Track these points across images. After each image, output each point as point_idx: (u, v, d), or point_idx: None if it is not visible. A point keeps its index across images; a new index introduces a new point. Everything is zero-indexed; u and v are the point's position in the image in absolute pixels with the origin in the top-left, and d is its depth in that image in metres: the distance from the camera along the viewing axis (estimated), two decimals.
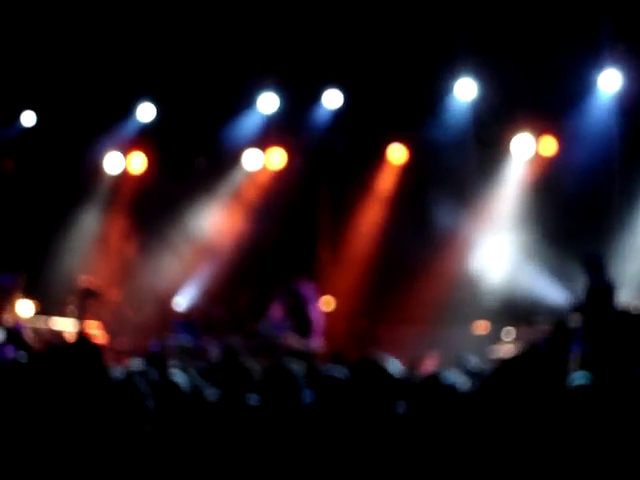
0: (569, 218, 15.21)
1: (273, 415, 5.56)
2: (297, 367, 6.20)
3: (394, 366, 5.33)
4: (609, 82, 15.25)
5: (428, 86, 15.72)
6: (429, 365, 13.02)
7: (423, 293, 15.77)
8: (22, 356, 6.10)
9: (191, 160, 17.86)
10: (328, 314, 16.52)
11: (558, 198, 15.53)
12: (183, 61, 16.25)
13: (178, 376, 6.64)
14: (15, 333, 13.40)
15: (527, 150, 16.40)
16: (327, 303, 16.89)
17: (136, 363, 7.53)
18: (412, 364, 10.33)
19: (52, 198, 17.10)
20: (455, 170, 15.88)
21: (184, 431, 5.70)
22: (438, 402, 5.23)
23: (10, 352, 12.62)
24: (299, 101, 16.60)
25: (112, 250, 17.69)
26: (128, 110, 17.23)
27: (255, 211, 17.66)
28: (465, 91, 15.85)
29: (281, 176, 17.41)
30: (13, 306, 15.08)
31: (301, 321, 14.10)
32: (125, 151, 17.88)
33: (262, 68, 16.26)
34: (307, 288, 14.48)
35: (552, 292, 15.53)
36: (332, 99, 16.67)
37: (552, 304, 15.17)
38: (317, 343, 14.25)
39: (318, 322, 14.30)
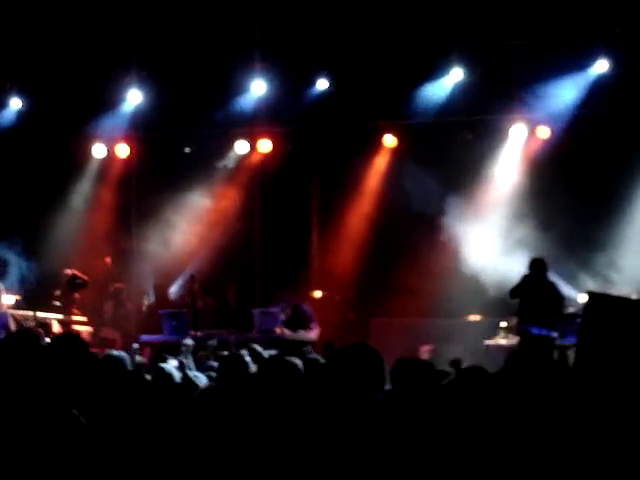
0: (566, 205, 15.03)
1: (274, 405, 5.41)
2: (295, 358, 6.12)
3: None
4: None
5: (415, 70, 15.59)
6: (424, 357, 12.89)
7: (417, 284, 15.57)
8: None
9: (180, 148, 17.67)
10: (320, 305, 16.44)
11: (554, 182, 15.35)
12: (173, 46, 16.05)
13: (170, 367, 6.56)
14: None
15: (521, 135, 16.30)
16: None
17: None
18: (407, 356, 10.10)
19: (37, 188, 16.87)
20: (447, 157, 15.70)
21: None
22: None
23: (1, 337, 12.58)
24: (288, 87, 16.38)
25: (101, 239, 17.47)
26: (117, 96, 17.02)
27: (244, 200, 17.47)
28: (454, 77, 15.78)
29: (270, 164, 17.21)
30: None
31: (296, 314, 14.14)
32: (111, 142, 17.67)
33: (251, 54, 16.07)
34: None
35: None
36: (320, 85, 16.49)
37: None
38: (312, 334, 14.21)
39: (312, 315, 14.34)
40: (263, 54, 16.25)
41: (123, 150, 17.74)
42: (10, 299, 15.24)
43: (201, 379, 7.74)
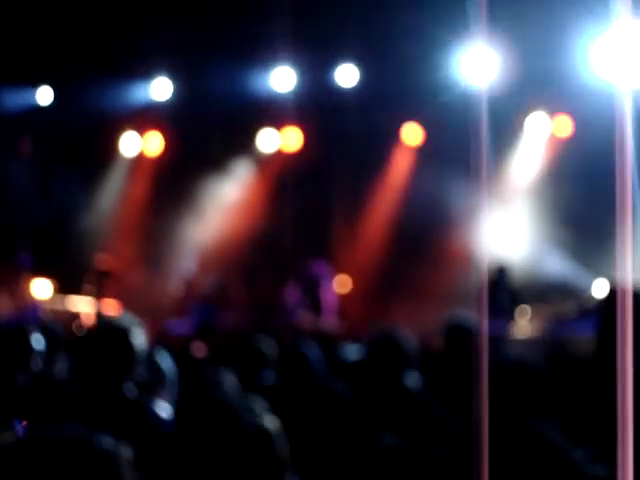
0: (585, 200, 15.14)
1: (289, 394, 5.57)
2: (312, 348, 6.26)
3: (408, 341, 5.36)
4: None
5: (442, 66, 15.65)
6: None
7: (438, 272, 15.76)
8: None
9: (208, 139, 17.87)
10: (343, 295, 16.59)
11: (574, 179, 15.47)
12: (196, 37, 16.23)
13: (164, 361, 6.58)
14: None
15: (542, 130, 16.37)
16: (343, 283, 16.96)
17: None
18: (426, 341, 10.36)
19: (70, 176, 17.11)
20: (469, 150, 15.80)
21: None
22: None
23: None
24: (315, 78, 16.56)
25: (132, 228, 17.71)
26: (143, 87, 17.26)
27: (271, 191, 17.67)
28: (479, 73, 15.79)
29: (296, 156, 17.40)
30: (29, 286, 15.14)
31: (315, 301, 14.16)
32: (142, 133, 17.91)
33: (277, 45, 16.19)
34: (322, 268, 14.54)
35: (567, 271, 15.52)
36: (347, 77, 16.64)
37: (567, 283, 15.17)
38: (331, 323, 14.30)
39: (332, 302, 14.33)
40: (290, 49, 16.38)
41: (152, 144, 18.01)
42: (44, 287, 15.47)
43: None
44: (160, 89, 17.25)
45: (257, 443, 3.48)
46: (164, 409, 5.02)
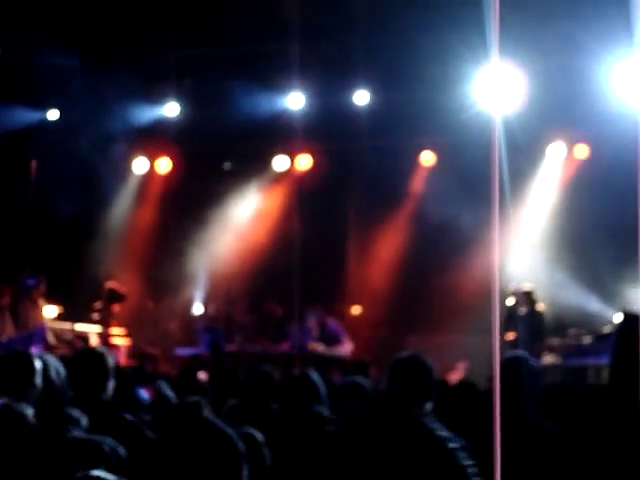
0: (601, 224, 14.91)
1: (292, 421, 5.41)
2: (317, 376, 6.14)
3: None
4: None
5: (456, 89, 15.49)
6: (457, 374, 12.83)
7: (452, 300, 15.54)
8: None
9: (218, 163, 17.75)
10: (356, 321, 16.41)
11: (591, 201, 15.25)
12: (208, 60, 16.11)
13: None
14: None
15: (559, 155, 16.27)
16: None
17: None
18: (441, 373, 10.12)
19: (77, 200, 16.95)
20: (484, 175, 15.59)
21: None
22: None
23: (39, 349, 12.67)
24: (326, 103, 16.41)
25: (139, 253, 17.57)
26: (153, 109, 17.14)
27: (282, 214, 17.51)
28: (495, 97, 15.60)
29: (309, 178, 17.24)
30: (37, 307, 15.02)
31: (323, 330, 14.14)
32: (152, 155, 17.82)
33: (290, 69, 16.10)
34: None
35: (584, 301, 15.29)
36: (360, 101, 16.48)
37: (584, 313, 14.94)
38: (345, 350, 14.18)
39: (339, 331, 14.33)
40: (302, 70, 16.27)
41: (163, 166, 17.89)
42: (51, 311, 15.35)
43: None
44: (171, 111, 17.11)
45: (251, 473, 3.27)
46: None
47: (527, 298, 14.25)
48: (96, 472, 3.23)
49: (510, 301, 14.15)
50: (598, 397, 5.48)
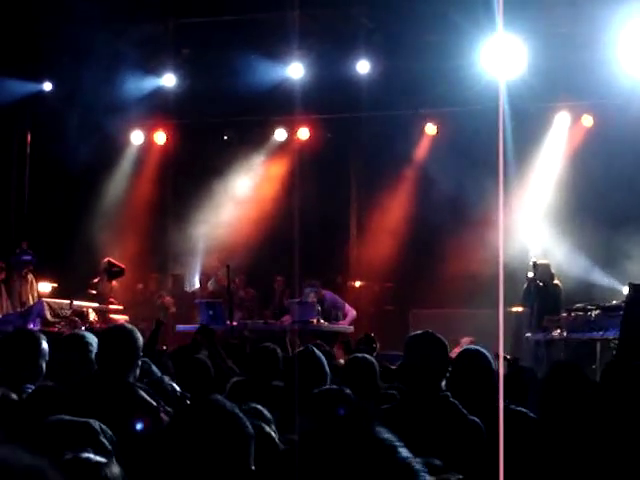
0: (609, 194, 14.71)
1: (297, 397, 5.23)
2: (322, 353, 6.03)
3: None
4: None
5: (459, 59, 15.28)
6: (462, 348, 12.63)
7: (457, 275, 15.34)
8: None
9: (218, 134, 17.57)
10: (358, 294, 16.25)
11: (598, 169, 15.05)
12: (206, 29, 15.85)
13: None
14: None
15: (564, 124, 16.11)
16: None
17: None
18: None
19: (73, 173, 16.74)
20: (487, 144, 15.37)
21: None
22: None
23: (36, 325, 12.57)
24: (327, 72, 16.17)
25: (137, 226, 17.39)
26: (150, 80, 16.92)
27: (283, 188, 17.33)
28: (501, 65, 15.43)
29: (309, 150, 17.05)
30: (32, 283, 14.88)
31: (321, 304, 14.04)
32: (150, 127, 17.63)
33: (290, 39, 15.87)
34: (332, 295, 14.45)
35: (591, 273, 15.12)
36: (361, 70, 16.27)
37: (591, 286, 14.78)
38: (348, 323, 14.10)
39: (351, 315, 14.24)
40: (302, 39, 16.04)
41: (161, 137, 17.72)
42: (46, 287, 15.21)
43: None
44: (168, 82, 16.92)
45: (260, 451, 3.13)
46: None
47: (545, 271, 14.05)
48: (85, 454, 3.05)
49: (530, 274, 13.97)
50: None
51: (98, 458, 3.04)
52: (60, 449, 3.01)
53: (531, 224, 15.60)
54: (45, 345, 5.63)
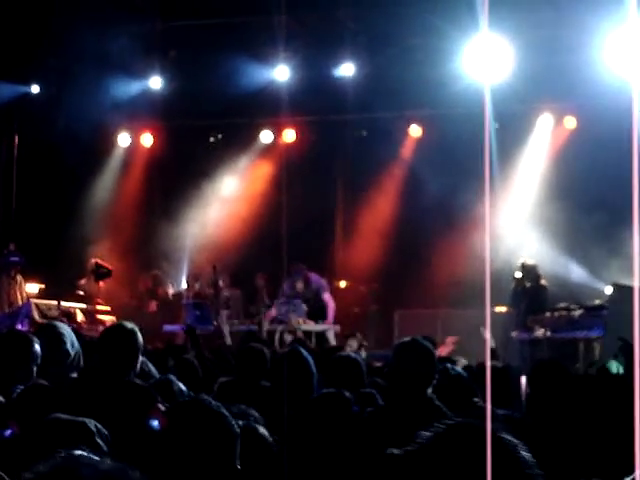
0: (590, 196, 14.83)
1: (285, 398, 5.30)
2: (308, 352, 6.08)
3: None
4: None
5: (443, 61, 15.36)
6: (447, 348, 12.75)
7: (442, 275, 15.43)
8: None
9: (204, 136, 17.61)
10: (344, 295, 16.29)
11: (581, 170, 15.16)
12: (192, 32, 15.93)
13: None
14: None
15: (548, 126, 16.22)
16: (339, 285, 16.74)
17: None
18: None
19: (61, 177, 16.75)
20: (473, 147, 15.45)
21: None
22: None
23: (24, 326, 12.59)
24: (313, 75, 16.25)
25: (124, 228, 17.41)
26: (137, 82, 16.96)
27: (268, 189, 17.37)
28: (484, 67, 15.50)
29: (295, 152, 17.10)
30: (21, 284, 14.89)
31: (315, 305, 13.99)
32: (136, 129, 17.66)
33: (276, 42, 15.91)
34: (319, 280, 14.43)
35: (574, 273, 15.22)
36: (345, 73, 16.37)
37: (574, 285, 14.88)
38: (330, 323, 14.14)
39: (331, 306, 14.18)
40: (288, 42, 16.09)
41: (148, 139, 17.74)
42: (34, 288, 15.21)
43: None
44: (155, 84, 16.96)
45: (249, 450, 3.25)
46: None
47: (533, 272, 14.18)
48: (79, 452, 3.11)
49: (518, 274, 14.10)
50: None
51: (92, 457, 3.10)
52: (54, 448, 3.08)
53: (515, 225, 15.68)
54: (37, 347, 5.62)
